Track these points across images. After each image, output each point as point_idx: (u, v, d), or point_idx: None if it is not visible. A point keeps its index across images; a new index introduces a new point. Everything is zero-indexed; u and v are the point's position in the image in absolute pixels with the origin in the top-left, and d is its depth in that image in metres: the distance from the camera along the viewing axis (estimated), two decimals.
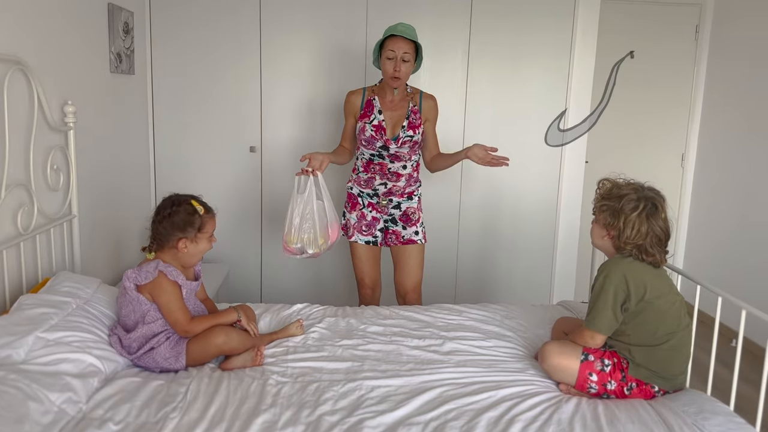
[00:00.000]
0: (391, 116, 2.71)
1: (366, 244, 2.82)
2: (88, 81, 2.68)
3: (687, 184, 4.36)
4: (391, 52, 2.57)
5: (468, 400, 1.79)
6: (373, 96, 2.74)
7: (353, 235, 2.82)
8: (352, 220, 2.82)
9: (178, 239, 1.98)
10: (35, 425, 1.46)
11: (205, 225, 2.02)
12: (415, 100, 2.75)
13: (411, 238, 2.81)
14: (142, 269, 1.95)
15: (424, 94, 2.78)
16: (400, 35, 2.54)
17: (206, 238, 2.04)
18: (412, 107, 2.72)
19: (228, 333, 1.98)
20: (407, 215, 2.81)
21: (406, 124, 2.69)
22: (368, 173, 2.78)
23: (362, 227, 2.81)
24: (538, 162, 3.75)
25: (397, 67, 2.56)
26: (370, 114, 2.71)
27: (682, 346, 1.89)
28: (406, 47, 2.56)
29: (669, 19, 4.17)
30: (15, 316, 1.80)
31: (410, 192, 2.82)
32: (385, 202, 2.78)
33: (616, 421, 1.71)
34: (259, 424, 1.63)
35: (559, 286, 3.90)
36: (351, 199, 2.85)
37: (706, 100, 4.23)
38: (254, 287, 3.73)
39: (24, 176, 2.15)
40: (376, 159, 2.74)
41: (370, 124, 2.69)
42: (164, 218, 1.98)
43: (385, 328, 2.31)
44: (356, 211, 2.82)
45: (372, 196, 2.80)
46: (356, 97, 2.78)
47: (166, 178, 3.56)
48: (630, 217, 1.87)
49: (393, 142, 2.68)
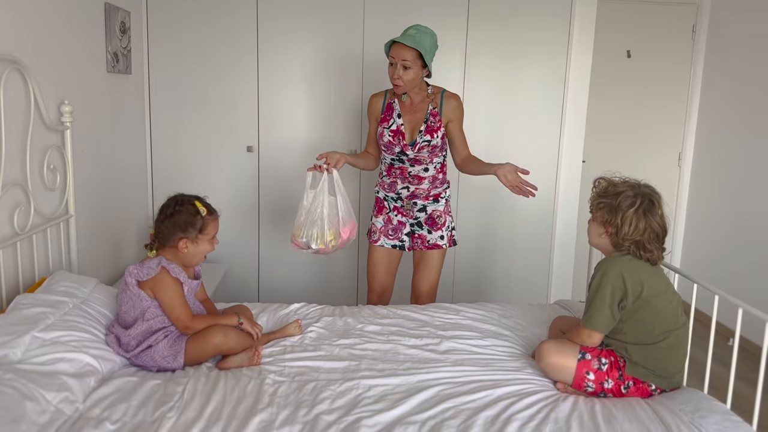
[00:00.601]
0: (410, 120, 2.65)
1: (392, 248, 2.78)
2: (85, 80, 2.67)
3: (684, 183, 4.37)
4: (391, 58, 2.53)
5: (465, 399, 1.79)
6: (394, 99, 2.69)
7: (379, 239, 2.77)
8: (378, 224, 2.78)
9: (178, 239, 1.98)
10: (32, 425, 1.46)
11: (206, 226, 2.02)
12: (435, 101, 2.66)
13: (436, 242, 2.76)
14: (144, 265, 1.95)
15: (446, 93, 2.68)
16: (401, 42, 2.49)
17: (207, 240, 2.04)
18: (432, 110, 2.64)
19: (226, 332, 1.98)
20: (433, 219, 2.75)
21: (423, 128, 2.62)
22: (390, 177, 2.74)
23: (389, 231, 2.77)
24: (535, 161, 3.74)
25: (397, 74, 2.52)
26: (389, 118, 2.67)
27: (679, 345, 1.89)
28: (406, 54, 2.49)
29: (666, 18, 4.17)
30: (11, 315, 1.80)
31: (436, 195, 2.75)
32: (409, 206, 2.74)
33: (613, 419, 1.71)
34: (256, 423, 1.63)
35: (557, 285, 3.91)
36: (378, 203, 2.81)
37: (703, 99, 4.24)
38: (251, 287, 3.73)
39: (21, 176, 2.15)
40: (396, 163, 2.70)
41: (389, 129, 2.65)
42: (167, 217, 1.99)
43: (382, 327, 2.31)
44: (383, 215, 2.78)
45: (396, 199, 2.76)
46: (378, 100, 2.73)
47: (163, 178, 3.55)
48: (627, 213, 1.87)
49: (410, 147, 2.63)
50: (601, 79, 4.05)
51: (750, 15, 3.79)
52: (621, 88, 4.22)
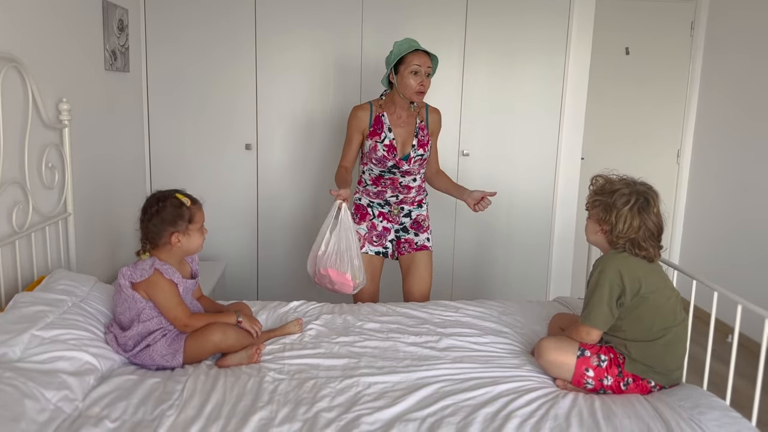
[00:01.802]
0: (400, 134, 2.64)
1: (375, 255, 2.74)
2: (83, 78, 2.67)
3: (683, 180, 4.37)
4: (417, 66, 2.51)
5: (465, 396, 1.79)
6: (381, 112, 2.64)
7: (363, 245, 2.72)
8: (361, 231, 2.73)
9: (170, 234, 1.97)
10: (31, 423, 1.46)
11: (194, 216, 2.01)
12: (422, 114, 2.69)
13: (424, 244, 2.77)
14: (137, 266, 1.94)
15: (430, 107, 2.73)
16: (424, 51, 2.53)
17: (197, 229, 2.03)
18: (420, 123, 2.67)
19: (225, 330, 1.98)
20: (418, 222, 2.77)
21: (415, 142, 2.64)
22: (378, 186, 2.71)
23: (373, 237, 2.74)
24: (533, 159, 3.75)
25: (423, 81, 2.52)
26: (380, 132, 2.62)
27: (678, 341, 1.90)
28: (428, 62, 2.54)
29: (664, 16, 4.17)
30: (10, 314, 1.79)
31: (419, 200, 2.79)
32: (396, 211, 2.74)
33: (612, 416, 1.71)
34: (255, 421, 1.63)
35: (556, 283, 3.91)
36: (359, 210, 2.76)
37: (702, 96, 4.24)
38: (250, 284, 3.73)
39: (19, 174, 2.15)
40: (386, 174, 2.67)
41: (382, 143, 2.61)
42: (153, 216, 1.97)
43: (381, 324, 2.31)
44: (366, 221, 2.74)
45: (384, 205, 2.74)
46: (364, 113, 2.65)
47: (162, 176, 3.55)
48: (622, 211, 1.88)
49: (404, 161, 2.62)
50: (600, 77, 4.04)
51: (748, 12, 3.79)
52: (619, 86, 4.21)
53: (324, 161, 3.63)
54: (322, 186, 3.64)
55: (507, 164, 3.73)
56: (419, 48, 2.53)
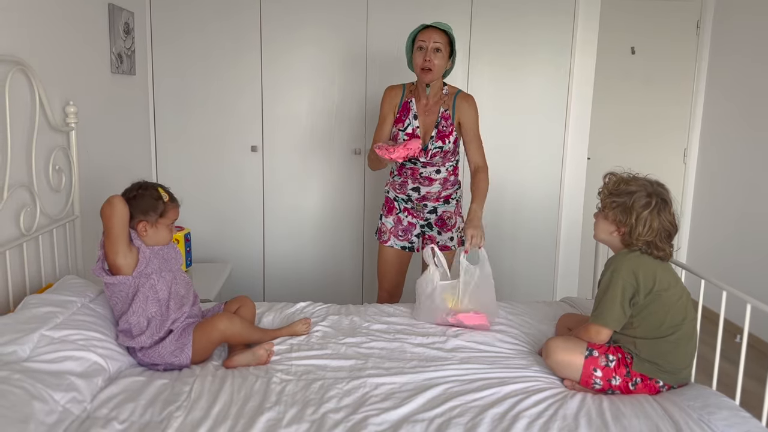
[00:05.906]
0: (424, 122, 2.57)
1: (401, 250, 2.74)
2: (90, 81, 2.68)
3: (689, 180, 4.36)
4: (422, 42, 2.43)
5: (472, 397, 1.79)
6: (411, 98, 2.58)
7: (389, 239, 2.73)
8: (388, 224, 2.73)
9: (138, 221, 1.99)
10: (40, 425, 1.46)
11: (167, 212, 2.04)
12: (448, 103, 2.57)
13: (446, 244, 2.72)
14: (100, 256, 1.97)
15: (460, 94, 2.59)
16: (432, 26, 2.43)
17: (166, 226, 2.05)
18: (443, 112, 2.55)
19: (231, 318, 2.01)
20: (443, 220, 2.71)
21: (434, 133, 2.54)
22: (401, 177, 2.68)
23: (398, 232, 2.73)
24: (539, 159, 3.74)
25: (428, 56, 2.41)
26: (405, 119, 2.57)
27: (687, 339, 1.89)
28: (438, 37, 2.42)
29: (670, 15, 4.16)
30: (20, 314, 1.81)
31: (447, 196, 2.69)
32: (419, 207, 2.69)
33: (621, 416, 1.70)
34: (263, 422, 1.63)
35: (562, 283, 3.90)
36: (388, 203, 2.76)
37: (708, 96, 4.22)
38: (257, 286, 3.73)
39: (26, 177, 2.16)
40: (407, 163, 2.63)
41: (404, 131, 2.56)
42: (129, 200, 1.98)
43: (388, 325, 2.31)
44: (393, 215, 2.74)
45: (407, 201, 2.71)
46: (396, 93, 2.60)
47: (168, 178, 3.55)
48: (642, 214, 1.86)
49: (423, 152, 2.55)
50: (606, 77, 4.04)
51: (754, 11, 3.77)
52: (625, 85, 4.20)
53: (330, 162, 3.63)
54: (329, 187, 3.64)
55: (513, 164, 3.72)
56: (428, 24, 2.46)
